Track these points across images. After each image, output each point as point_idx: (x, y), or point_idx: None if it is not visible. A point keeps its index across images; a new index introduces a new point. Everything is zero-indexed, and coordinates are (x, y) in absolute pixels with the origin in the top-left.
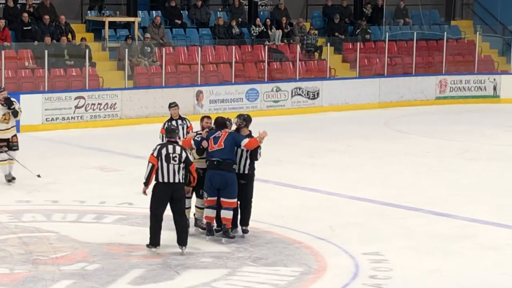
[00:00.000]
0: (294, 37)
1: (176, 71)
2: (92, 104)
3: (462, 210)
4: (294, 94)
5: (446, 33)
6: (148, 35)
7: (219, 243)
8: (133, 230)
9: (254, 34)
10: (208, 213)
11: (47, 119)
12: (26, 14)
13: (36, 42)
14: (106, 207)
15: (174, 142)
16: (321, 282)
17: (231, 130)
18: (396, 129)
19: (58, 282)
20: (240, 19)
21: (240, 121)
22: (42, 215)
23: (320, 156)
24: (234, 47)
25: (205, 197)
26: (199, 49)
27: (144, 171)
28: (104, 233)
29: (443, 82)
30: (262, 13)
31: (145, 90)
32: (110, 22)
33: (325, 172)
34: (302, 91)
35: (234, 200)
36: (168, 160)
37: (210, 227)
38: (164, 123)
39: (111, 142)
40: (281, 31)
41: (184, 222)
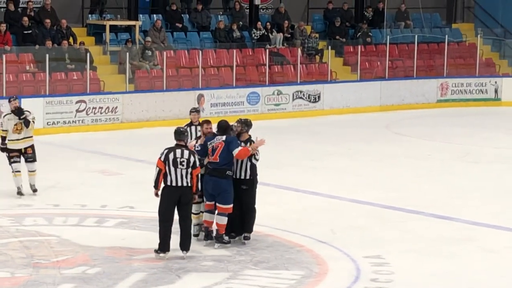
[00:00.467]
0: (295, 40)
1: (177, 75)
2: (93, 107)
3: (463, 213)
4: (295, 97)
5: (447, 36)
6: (149, 39)
7: (220, 247)
8: (134, 233)
9: (255, 38)
10: (206, 217)
11: (48, 123)
12: (26, 18)
13: (37, 46)
14: (107, 211)
15: (182, 146)
16: (322, 285)
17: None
18: (397, 132)
19: (59, 286)
20: (241, 23)
21: (241, 126)
22: (43, 219)
23: (321, 159)
24: (235, 51)
25: (204, 201)
26: (200, 52)
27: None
28: (105, 236)
29: (444, 85)
30: (263, 16)
31: (146, 93)
32: (111, 26)
33: (326, 175)
34: (303, 95)
35: (228, 206)
36: (175, 164)
37: (208, 232)
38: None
39: (112, 146)
40: (282, 35)
41: (188, 226)
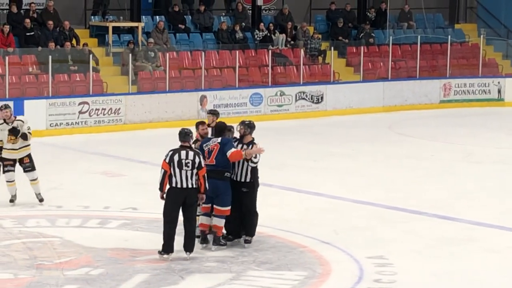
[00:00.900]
0: (298, 41)
1: (180, 76)
2: (96, 109)
3: (466, 214)
4: (298, 98)
5: (450, 36)
6: (151, 40)
7: (225, 249)
8: (137, 235)
9: (258, 39)
10: (203, 220)
11: (51, 125)
12: (29, 20)
13: (40, 48)
14: (110, 212)
15: (187, 147)
16: (325, 286)
17: (234, 137)
18: (400, 132)
19: (62, 287)
20: (243, 24)
21: (244, 128)
22: (46, 220)
23: (323, 160)
24: (237, 52)
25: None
26: (203, 53)
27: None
28: (108, 238)
29: (447, 85)
30: (265, 17)
31: (149, 95)
32: (113, 27)
33: (329, 176)
34: (306, 95)
35: (225, 208)
36: (180, 166)
37: (204, 235)
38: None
39: (115, 147)
40: (284, 36)
41: (193, 228)
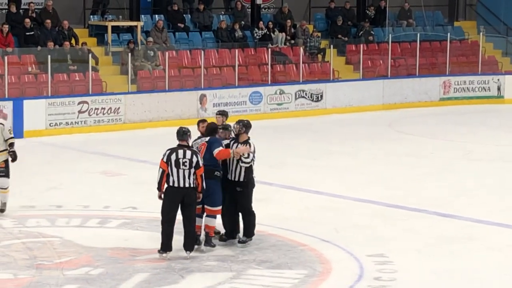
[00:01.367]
0: (297, 39)
1: (179, 75)
2: (95, 108)
3: (466, 211)
4: (297, 96)
5: (449, 34)
6: (151, 39)
7: (223, 247)
8: (137, 234)
9: (257, 37)
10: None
11: (51, 124)
12: (28, 20)
13: (39, 47)
14: (110, 212)
15: (184, 146)
16: (326, 284)
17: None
18: (400, 130)
19: (62, 287)
20: (243, 22)
21: (240, 127)
22: (46, 220)
23: (323, 158)
24: (237, 50)
25: None
26: (202, 52)
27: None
28: (108, 237)
29: (447, 83)
30: (264, 16)
31: (148, 94)
32: (113, 27)
33: (329, 174)
34: (306, 94)
35: (216, 208)
36: (178, 165)
37: (196, 237)
38: None
39: (115, 147)
40: (284, 34)
41: (192, 227)
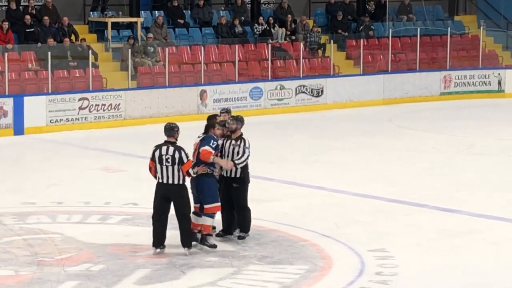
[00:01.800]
0: (297, 35)
1: (179, 71)
2: (96, 105)
3: (467, 206)
4: (298, 92)
5: (449, 28)
6: (151, 35)
7: (224, 242)
8: (138, 230)
9: (257, 33)
10: (192, 219)
11: (51, 121)
12: (28, 16)
13: (39, 44)
14: (111, 208)
15: (169, 142)
16: (327, 279)
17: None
18: (400, 125)
19: (63, 283)
20: (243, 18)
21: (236, 123)
22: (46, 217)
23: (324, 153)
24: (237, 46)
25: None
26: (202, 48)
27: (149, 172)
28: (109, 233)
29: (448, 77)
30: (264, 11)
31: (148, 90)
32: (112, 23)
33: (330, 169)
34: (306, 89)
35: (211, 205)
36: (161, 162)
37: (192, 234)
38: None
39: (115, 143)
40: (284, 29)
41: (185, 224)
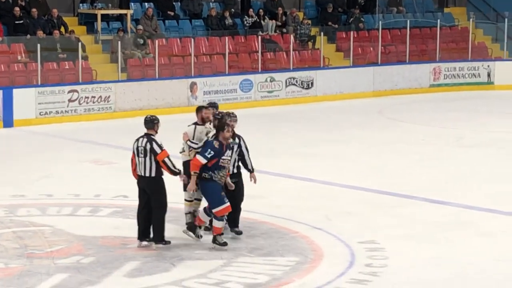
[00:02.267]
0: (288, 27)
1: (169, 63)
2: (85, 97)
3: (457, 198)
4: (288, 84)
5: (439, 20)
6: (140, 27)
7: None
8: (128, 222)
9: (247, 25)
10: (199, 214)
11: (41, 113)
12: (17, 8)
13: (28, 36)
14: (101, 200)
15: (146, 134)
16: (317, 271)
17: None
18: (390, 117)
19: (53, 275)
20: (233, 10)
21: (235, 122)
22: (36, 209)
23: (315, 145)
24: (227, 38)
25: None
26: (192, 40)
27: None
28: (99, 226)
29: (437, 69)
30: (255, 3)
31: (138, 82)
32: (102, 15)
33: (320, 161)
34: (296, 81)
35: (217, 209)
36: (137, 154)
37: (193, 225)
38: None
39: (105, 135)
40: (274, 22)
41: (157, 217)
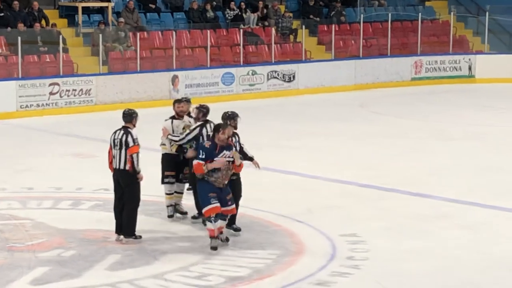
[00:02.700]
0: (269, 20)
1: (151, 56)
2: (66, 90)
3: (438, 190)
4: (270, 77)
5: (420, 14)
6: (122, 20)
7: (196, 228)
8: (109, 216)
9: (229, 18)
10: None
11: (22, 106)
12: None
13: (9, 29)
14: (82, 194)
15: (123, 127)
16: (298, 264)
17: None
18: (372, 110)
19: (34, 269)
20: (214, 3)
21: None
22: (17, 202)
23: (297, 139)
24: (209, 31)
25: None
26: (174, 33)
27: None
28: (80, 219)
29: (418, 63)
30: None
31: (120, 75)
32: (83, 8)
33: (302, 155)
34: (278, 74)
35: (204, 209)
36: (114, 146)
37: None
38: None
39: (87, 128)
40: (256, 15)
41: (128, 210)
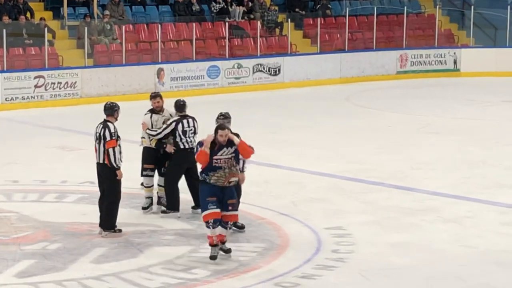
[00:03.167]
0: (255, 13)
1: (136, 49)
2: (52, 83)
3: (424, 184)
4: (255, 70)
5: (406, 7)
6: (107, 13)
7: (182, 221)
8: (94, 209)
9: (215, 11)
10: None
11: (7, 99)
12: None
13: None
14: (68, 186)
15: (104, 120)
16: (283, 257)
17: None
18: (357, 104)
19: (19, 262)
20: None
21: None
22: (2, 195)
23: (282, 132)
24: (194, 24)
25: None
26: (159, 26)
27: None
28: (65, 212)
29: (404, 56)
30: None
31: (105, 68)
32: (69, 0)
33: (287, 148)
34: (264, 68)
35: (202, 214)
36: (95, 139)
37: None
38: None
39: (72, 121)
40: (241, 8)
41: (108, 204)
